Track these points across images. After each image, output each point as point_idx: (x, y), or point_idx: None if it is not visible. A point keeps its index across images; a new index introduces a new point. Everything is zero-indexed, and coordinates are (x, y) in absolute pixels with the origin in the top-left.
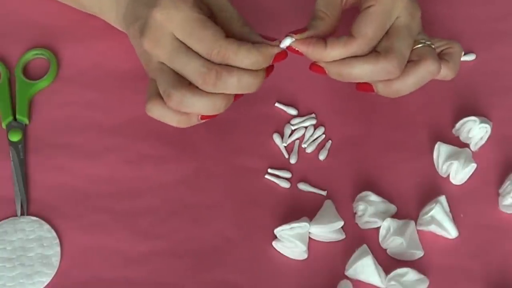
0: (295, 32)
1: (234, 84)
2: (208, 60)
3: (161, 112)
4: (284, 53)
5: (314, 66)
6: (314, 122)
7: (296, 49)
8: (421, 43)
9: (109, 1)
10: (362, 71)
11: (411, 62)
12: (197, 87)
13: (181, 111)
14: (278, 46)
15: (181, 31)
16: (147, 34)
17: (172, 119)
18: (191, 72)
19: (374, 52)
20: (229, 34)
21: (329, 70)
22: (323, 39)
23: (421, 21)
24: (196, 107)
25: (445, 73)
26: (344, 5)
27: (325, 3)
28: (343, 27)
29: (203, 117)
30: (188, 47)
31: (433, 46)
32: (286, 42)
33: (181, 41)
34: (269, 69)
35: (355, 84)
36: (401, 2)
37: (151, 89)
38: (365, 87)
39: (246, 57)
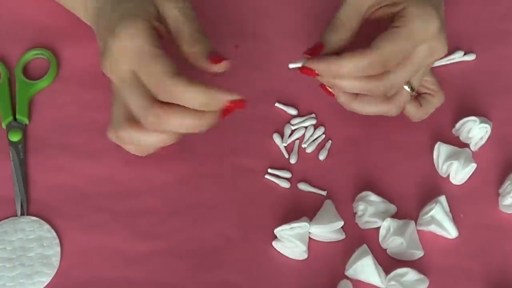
0: (311, 51)
1: (177, 125)
2: (153, 99)
3: (119, 140)
4: (240, 103)
5: (325, 87)
6: (314, 122)
7: (307, 66)
8: (408, 84)
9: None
10: (353, 85)
11: (382, 96)
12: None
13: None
14: (231, 94)
15: (133, 63)
16: (105, 59)
17: (130, 148)
18: (133, 109)
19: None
20: (181, 54)
21: (340, 99)
22: (337, 54)
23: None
24: (143, 144)
25: (413, 114)
26: (369, 15)
27: (346, 11)
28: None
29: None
30: (139, 81)
31: (412, 94)
32: (300, 63)
33: (133, 73)
34: (225, 112)
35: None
36: (430, 34)
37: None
38: (327, 91)
39: (194, 99)
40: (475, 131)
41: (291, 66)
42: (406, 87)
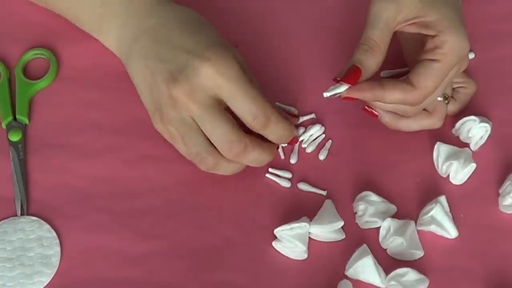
0: (346, 78)
1: (253, 159)
2: (239, 130)
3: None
4: (294, 140)
5: (368, 110)
6: (314, 122)
7: (350, 96)
8: (442, 95)
9: (89, 12)
10: (414, 127)
11: (424, 112)
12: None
13: (210, 172)
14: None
15: (228, 90)
16: (182, 83)
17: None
18: (220, 136)
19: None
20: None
21: (384, 118)
22: (377, 81)
23: None
24: (222, 171)
25: (453, 110)
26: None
27: (379, 30)
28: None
29: None
30: (222, 109)
31: (446, 102)
32: (338, 90)
33: (217, 100)
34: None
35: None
36: (463, 58)
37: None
38: (370, 113)
39: (281, 129)
40: (475, 130)
41: (327, 94)
42: (440, 98)
